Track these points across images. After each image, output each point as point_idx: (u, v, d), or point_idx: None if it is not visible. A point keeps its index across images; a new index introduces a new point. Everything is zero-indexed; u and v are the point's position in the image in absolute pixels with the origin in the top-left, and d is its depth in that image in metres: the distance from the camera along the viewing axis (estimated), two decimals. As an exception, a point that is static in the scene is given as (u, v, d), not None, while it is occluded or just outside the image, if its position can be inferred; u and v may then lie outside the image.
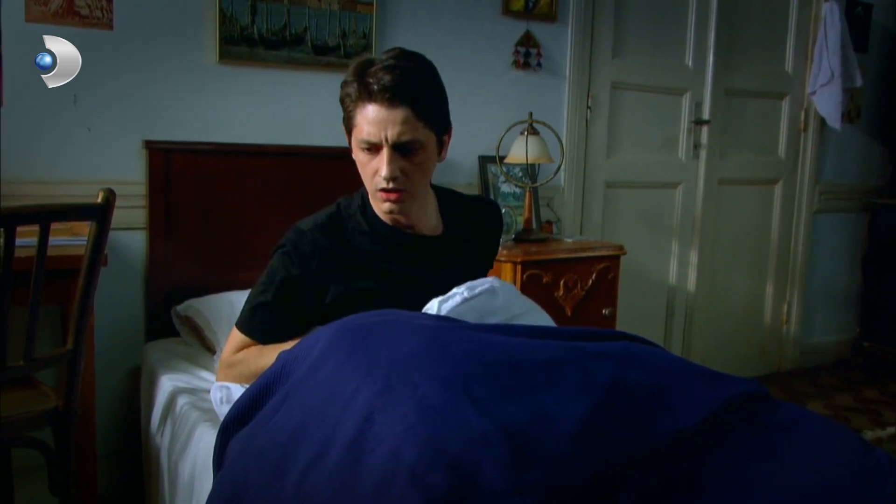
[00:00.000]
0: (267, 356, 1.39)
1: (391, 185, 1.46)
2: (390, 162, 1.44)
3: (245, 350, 1.52)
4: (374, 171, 1.47)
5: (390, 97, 1.41)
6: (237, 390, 1.47)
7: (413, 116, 1.43)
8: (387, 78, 1.41)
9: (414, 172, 1.48)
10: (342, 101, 1.49)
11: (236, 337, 1.54)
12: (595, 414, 0.97)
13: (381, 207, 1.53)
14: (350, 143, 1.54)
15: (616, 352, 1.15)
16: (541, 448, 0.91)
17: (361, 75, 1.44)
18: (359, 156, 1.50)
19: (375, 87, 1.41)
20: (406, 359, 1.05)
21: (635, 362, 1.12)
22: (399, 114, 1.42)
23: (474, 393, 0.98)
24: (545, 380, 1.03)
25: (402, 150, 1.45)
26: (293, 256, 1.51)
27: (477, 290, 1.43)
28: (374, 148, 1.46)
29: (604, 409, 0.99)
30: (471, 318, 1.37)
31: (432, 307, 1.40)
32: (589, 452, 0.92)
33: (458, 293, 1.42)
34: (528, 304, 1.53)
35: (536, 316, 1.50)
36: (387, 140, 1.43)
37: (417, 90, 1.44)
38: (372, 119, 1.43)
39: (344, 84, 1.48)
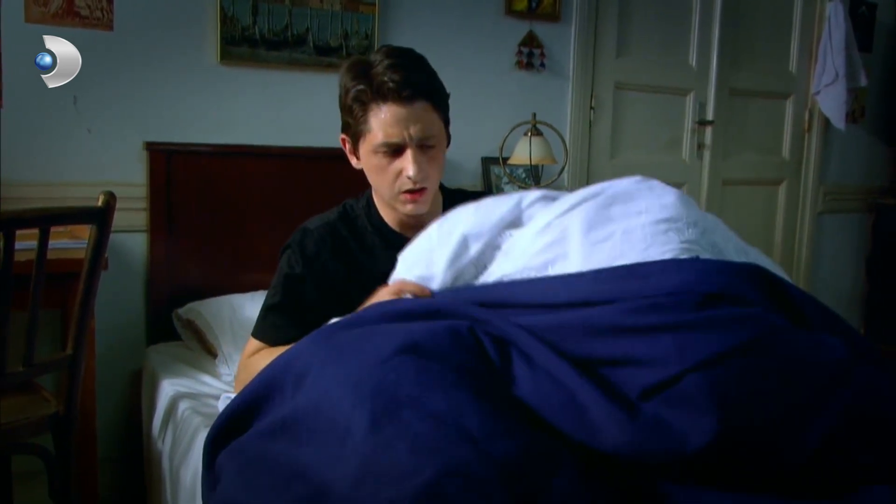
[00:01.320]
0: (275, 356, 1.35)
1: (418, 185, 1.43)
2: (417, 160, 1.40)
3: (258, 353, 1.49)
4: (397, 174, 1.43)
5: (409, 94, 1.37)
6: None
7: (431, 109, 1.41)
8: (397, 76, 1.37)
9: (434, 167, 1.45)
10: (349, 108, 1.43)
11: (251, 343, 1.52)
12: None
13: (404, 209, 1.47)
14: (356, 151, 1.48)
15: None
16: (542, 492, 0.85)
17: (367, 78, 1.39)
18: (373, 161, 1.44)
19: (390, 85, 1.37)
20: (394, 386, 0.94)
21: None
22: (419, 110, 1.39)
23: (470, 428, 0.89)
24: (545, 407, 0.96)
25: (423, 146, 1.42)
26: (298, 255, 1.50)
27: None
28: (394, 150, 1.42)
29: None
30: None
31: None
32: (591, 495, 0.86)
33: None
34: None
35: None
36: (411, 138, 1.40)
37: (428, 83, 1.42)
38: (391, 120, 1.39)
39: (346, 90, 1.43)
